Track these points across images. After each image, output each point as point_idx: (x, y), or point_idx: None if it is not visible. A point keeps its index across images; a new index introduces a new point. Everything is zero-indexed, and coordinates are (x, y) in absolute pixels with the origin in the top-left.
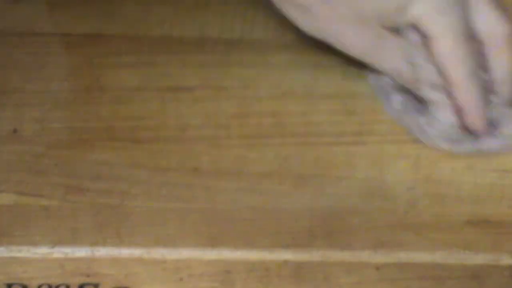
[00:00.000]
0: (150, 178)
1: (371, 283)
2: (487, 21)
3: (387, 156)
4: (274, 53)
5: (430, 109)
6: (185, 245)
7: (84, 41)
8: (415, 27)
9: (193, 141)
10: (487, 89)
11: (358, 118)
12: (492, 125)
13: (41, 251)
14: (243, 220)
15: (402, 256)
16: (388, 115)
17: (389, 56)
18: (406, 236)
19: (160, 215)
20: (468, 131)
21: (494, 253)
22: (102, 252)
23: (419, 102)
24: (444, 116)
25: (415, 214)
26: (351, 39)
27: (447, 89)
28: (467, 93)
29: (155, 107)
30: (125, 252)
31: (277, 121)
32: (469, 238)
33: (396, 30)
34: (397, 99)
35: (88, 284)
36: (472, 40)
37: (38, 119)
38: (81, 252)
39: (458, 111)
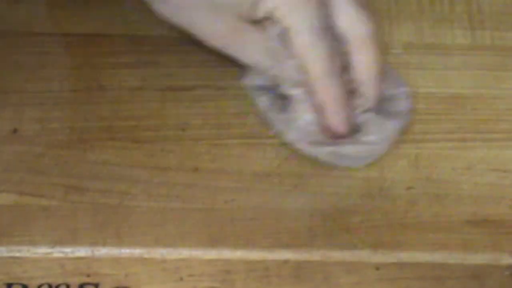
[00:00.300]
0: (150, 178)
1: (371, 282)
2: (348, 21)
3: (387, 156)
4: None
5: (291, 108)
6: (185, 245)
7: (84, 41)
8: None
9: (193, 141)
10: (353, 91)
11: None
12: (355, 131)
13: (41, 251)
14: (243, 220)
15: (402, 256)
16: None
17: (249, 49)
18: (406, 236)
19: (160, 215)
20: (328, 133)
21: (494, 253)
22: (102, 252)
23: (284, 100)
24: (304, 115)
25: (415, 214)
26: (208, 29)
27: (307, 86)
28: (325, 91)
29: (155, 107)
30: (125, 252)
31: None
32: (469, 238)
33: (258, 23)
34: (263, 98)
35: (88, 284)
36: (335, 39)
37: (38, 119)
38: (81, 252)
39: (318, 109)
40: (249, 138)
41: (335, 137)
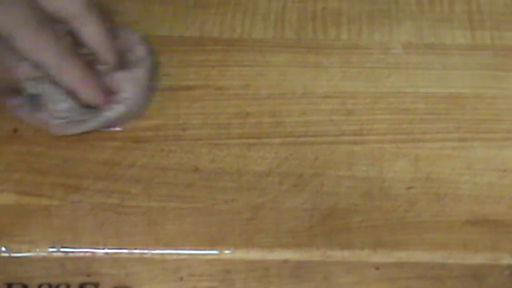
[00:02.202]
0: (150, 178)
1: (370, 282)
2: (58, 4)
3: (387, 156)
4: (274, 53)
5: (46, 102)
6: (185, 245)
7: None
8: None
9: (193, 141)
10: (95, 60)
11: (357, 117)
12: (110, 93)
13: (41, 251)
14: (243, 220)
15: (402, 255)
16: (388, 115)
17: None
18: (405, 235)
19: (160, 215)
20: (91, 107)
21: (494, 253)
22: (102, 252)
23: (36, 99)
24: (60, 103)
25: (415, 213)
26: None
27: (50, 75)
28: (68, 73)
29: (155, 107)
30: (125, 251)
31: (277, 121)
32: (469, 237)
33: None
34: (17, 101)
35: (88, 283)
36: (55, 23)
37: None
38: (81, 252)
39: (71, 92)
40: (249, 138)
41: (99, 107)
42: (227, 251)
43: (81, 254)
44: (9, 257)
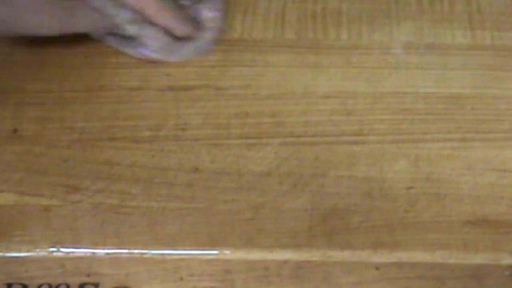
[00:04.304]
0: (150, 178)
1: (371, 282)
2: None
3: (387, 156)
4: (274, 53)
5: (143, 40)
6: (185, 245)
7: (84, 41)
8: None
9: (193, 141)
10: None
11: (357, 117)
12: (197, 23)
13: (41, 251)
14: (243, 220)
15: (402, 255)
16: (388, 115)
17: (81, 20)
18: (405, 235)
19: (160, 215)
20: (181, 39)
21: (494, 253)
22: (102, 252)
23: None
24: (156, 40)
25: (415, 213)
26: (40, 25)
27: (147, 19)
28: (162, 15)
29: (155, 107)
30: (125, 251)
31: (277, 121)
32: (469, 237)
33: None
34: (117, 39)
35: (88, 283)
36: None
37: (38, 119)
38: (81, 251)
39: (166, 30)
40: (249, 138)
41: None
42: (227, 251)
43: (81, 254)
44: (9, 257)
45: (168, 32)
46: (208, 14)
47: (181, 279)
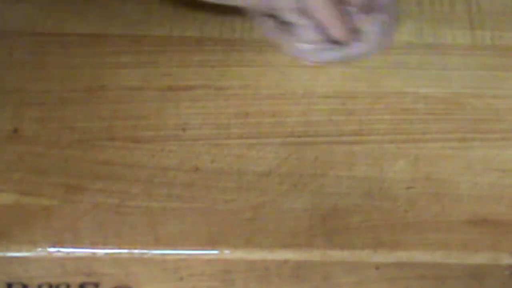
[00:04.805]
0: (150, 178)
1: (370, 282)
2: None
3: (386, 156)
4: (274, 53)
5: (296, 29)
6: (185, 245)
7: (84, 41)
8: None
9: (193, 141)
10: (343, 2)
11: (357, 117)
12: (355, 32)
13: (41, 251)
14: (243, 220)
15: (402, 255)
16: (388, 115)
17: None
18: (405, 235)
19: (160, 215)
20: (334, 42)
21: (494, 253)
22: (102, 252)
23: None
24: (309, 33)
25: (415, 213)
26: None
27: (307, 12)
28: (325, 13)
29: (155, 107)
30: (125, 251)
31: (277, 121)
32: (469, 237)
33: None
34: (269, 23)
35: (89, 283)
36: None
37: (38, 119)
38: (81, 251)
39: (322, 27)
40: (249, 138)
41: (342, 44)
42: (227, 251)
43: (81, 254)
44: (9, 257)
45: (324, 29)
46: (369, 26)
47: (181, 279)
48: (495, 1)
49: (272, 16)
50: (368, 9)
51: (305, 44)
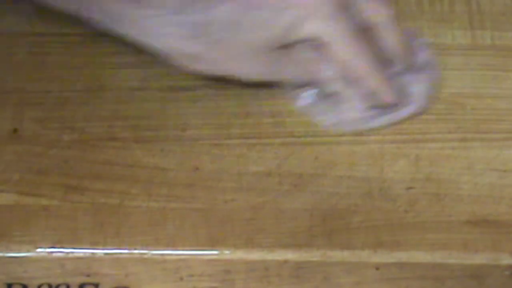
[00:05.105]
0: (150, 178)
1: (370, 282)
2: (370, 11)
3: (386, 156)
4: None
5: (341, 99)
6: (185, 245)
7: (84, 41)
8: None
9: (193, 141)
10: (386, 65)
11: None
12: (403, 94)
13: (41, 251)
14: (243, 220)
15: (402, 255)
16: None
17: (286, 70)
18: (406, 236)
19: (160, 215)
20: (382, 107)
21: (494, 253)
22: (102, 252)
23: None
24: (355, 103)
25: (415, 213)
26: (249, 71)
27: (355, 80)
28: (374, 80)
29: (155, 107)
30: (125, 252)
31: (277, 121)
32: (469, 237)
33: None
34: (309, 96)
35: (88, 283)
36: (364, 30)
37: (38, 119)
38: (81, 252)
39: (370, 95)
40: (249, 138)
41: (390, 108)
42: (227, 251)
43: (81, 254)
44: (9, 257)
45: (372, 96)
46: (415, 86)
47: (181, 279)
48: (495, 1)
49: (315, 87)
50: (413, 68)
51: (352, 114)
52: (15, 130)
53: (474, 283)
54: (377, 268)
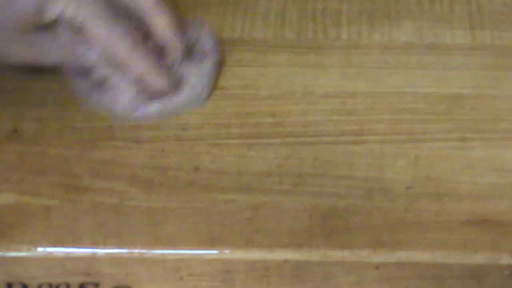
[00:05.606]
0: (150, 178)
1: (370, 282)
2: None
3: (386, 155)
4: (274, 53)
5: (110, 86)
6: (185, 245)
7: None
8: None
9: (193, 141)
10: (162, 52)
11: (357, 117)
12: (177, 83)
13: (41, 251)
14: (243, 220)
15: (402, 255)
16: (388, 115)
17: (50, 53)
18: (405, 235)
19: (160, 215)
20: (154, 94)
21: (494, 253)
22: (102, 251)
23: (101, 83)
24: (124, 89)
25: (415, 213)
26: (9, 52)
27: (120, 65)
28: (137, 64)
29: None
30: (125, 251)
31: (277, 121)
32: (469, 237)
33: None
34: (83, 84)
35: (89, 283)
36: (126, 16)
37: (38, 119)
38: (81, 251)
39: (138, 81)
40: (249, 138)
41: (163, 96)
42: (227, 251)
43: (81, 254)
44: (9, 256)
45: (139, 82)
46: (193, 75)
47: (181, 279)
48: (495, 1)
49: (85, 74)
50: (187, 57)
51: (122, 101)
52: (15, 130)
53: (474, 282)
54: (377, 268)
